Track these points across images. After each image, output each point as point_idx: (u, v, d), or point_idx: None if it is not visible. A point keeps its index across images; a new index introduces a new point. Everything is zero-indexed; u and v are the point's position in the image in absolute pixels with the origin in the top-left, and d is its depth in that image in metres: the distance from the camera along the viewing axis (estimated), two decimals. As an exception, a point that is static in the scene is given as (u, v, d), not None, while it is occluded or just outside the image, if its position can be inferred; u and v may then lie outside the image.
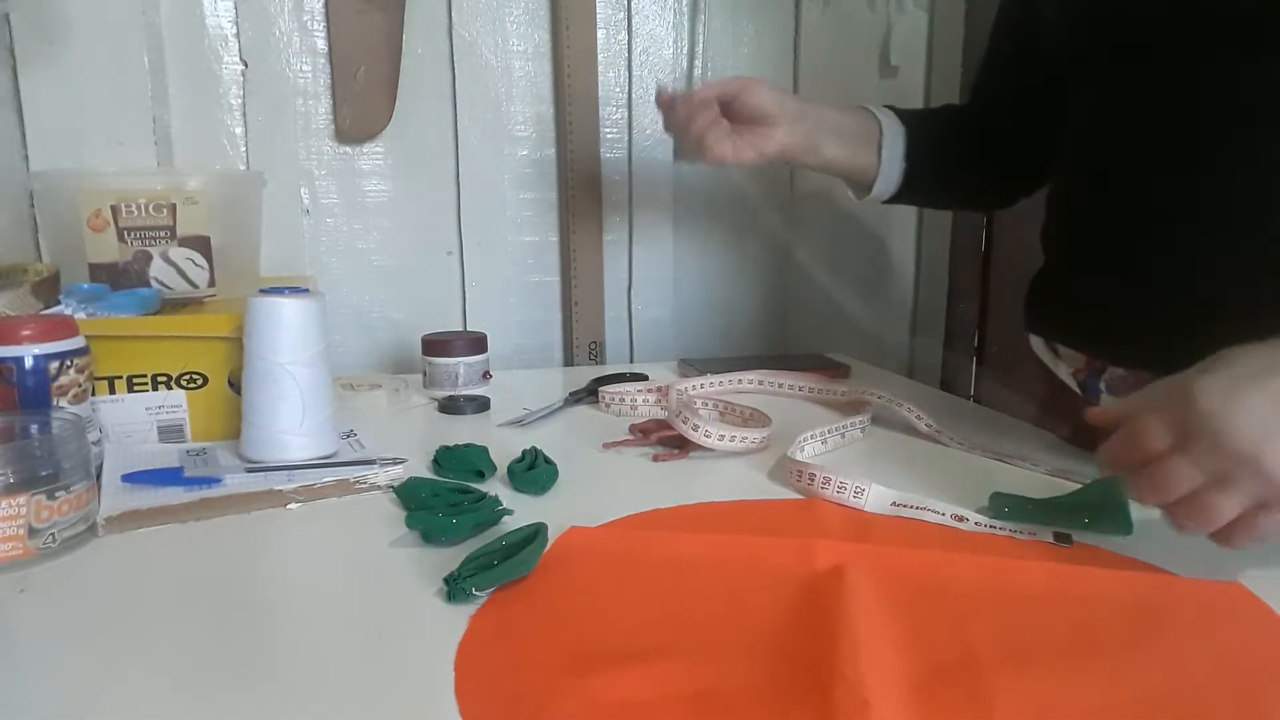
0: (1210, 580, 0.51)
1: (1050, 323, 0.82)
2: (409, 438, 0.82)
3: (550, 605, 0.48)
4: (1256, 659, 0.43)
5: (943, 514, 0.61)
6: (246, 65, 1.05)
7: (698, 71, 1.20)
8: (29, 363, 0.62)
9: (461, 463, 0.71)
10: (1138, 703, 0.39)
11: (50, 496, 0.53)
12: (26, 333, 0.62)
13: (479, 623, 0.46)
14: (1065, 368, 0.80)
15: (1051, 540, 0.56)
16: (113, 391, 0.72)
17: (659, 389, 0.92)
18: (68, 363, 0.64)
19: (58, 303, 0.73)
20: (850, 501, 0.63)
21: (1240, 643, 0.45)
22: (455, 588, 0.48)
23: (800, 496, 0.66)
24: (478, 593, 0.48)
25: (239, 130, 1.06)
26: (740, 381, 0.99)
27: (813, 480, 0.65)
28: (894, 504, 0.62)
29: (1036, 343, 0.85)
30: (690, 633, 0.45)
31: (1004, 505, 0.62)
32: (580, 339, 1.21)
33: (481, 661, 0.42)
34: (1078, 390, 0.79)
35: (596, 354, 1.22)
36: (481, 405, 0.92)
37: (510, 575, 0.50)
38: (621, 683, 0.40)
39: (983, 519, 0.60)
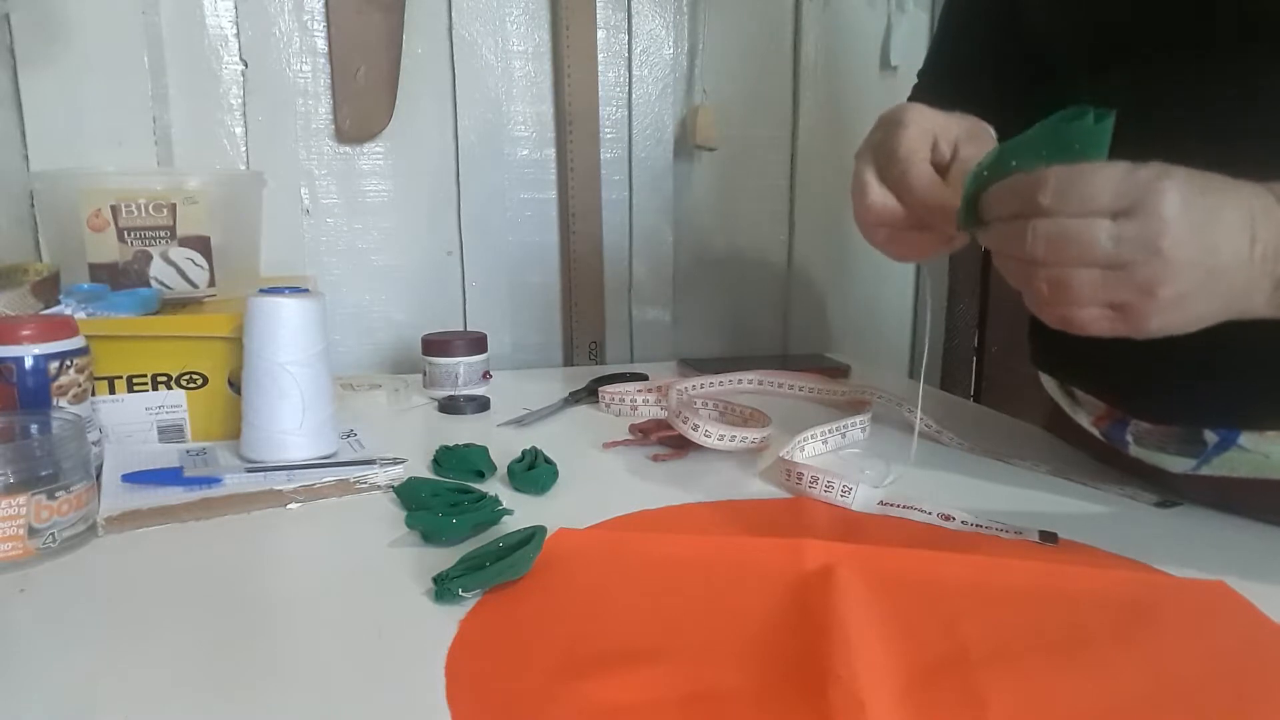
0: (1195, 579, 0.51)
1: (1060, 363, 0.73)
2: (409, 438, 0.82)
3: (540, 608, 0.48)
4: (1241, 656, 0.44)
5: (929, 513, 0.61)
6: (246, 65, 1.05)
7: (698, 71, 1.20)
8: (29, 363, 0.62)
9: (461, 463, 0.71)
10: (1126, 699, 0.40)
11: (50, 496, 0.53)
12: (26, 333, 0.62)
13: (469, 626, 0.46)
14: (1085, 415, 0.71)
15: (1037, 539, 0.57)
16: (113, 391, 0.72)
17: (659, 389, 0.92)
18: (68, 363, 0.64)
19: (58, 303, 0.73)
20: (838, 500, 0.63)
21: (1225, 640, 0.45)
22: (443, 588, 0.48)
23: (790, 496, 0.66)
24: (464, 594, 0.48)
25: (239, 130, 1.06)
26: (740, 381, 0.99)
27: (800, 479, 0.65)
28: (881, 503, 0.63)
29: (1049, 383, 0.76)
30: (681, 634, 0.45)
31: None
32: (580, 339, 1.21)
33: (472, 665, 0.42)
34: (1102, 439, 0.70)
35: (596, 354, 1.22)
36: (481, 405, 0.92)
37: (500, 577, 0.50)
38: (613, 686, 0.40)
39: (969, 518, 0.60)
